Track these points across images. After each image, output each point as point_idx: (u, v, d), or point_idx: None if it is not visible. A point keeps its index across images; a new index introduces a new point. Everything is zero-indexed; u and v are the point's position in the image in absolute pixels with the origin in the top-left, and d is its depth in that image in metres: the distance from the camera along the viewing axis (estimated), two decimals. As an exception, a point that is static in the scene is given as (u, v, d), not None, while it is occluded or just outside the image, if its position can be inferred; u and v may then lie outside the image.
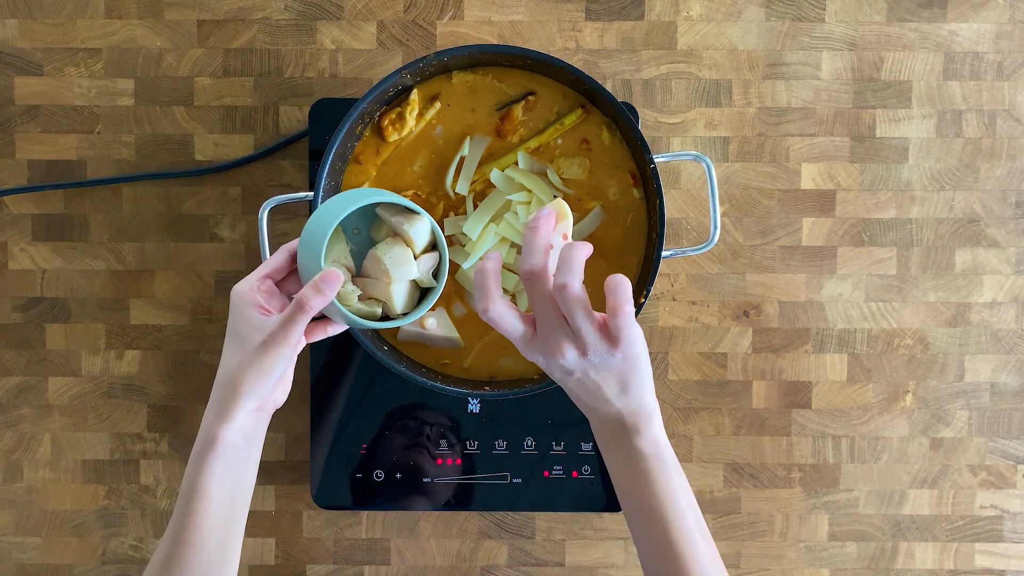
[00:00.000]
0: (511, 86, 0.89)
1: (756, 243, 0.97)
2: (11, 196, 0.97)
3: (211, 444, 0.75)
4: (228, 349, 0.76)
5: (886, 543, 0.98)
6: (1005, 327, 0.98)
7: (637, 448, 0.73)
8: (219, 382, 0.76)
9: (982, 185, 0.97)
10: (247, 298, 0.76)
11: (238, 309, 0.76)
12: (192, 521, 0.74)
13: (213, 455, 0.75)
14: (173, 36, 0.97)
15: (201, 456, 0.75)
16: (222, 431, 0.75)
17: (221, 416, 0.75)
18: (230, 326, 0.77)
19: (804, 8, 0.97)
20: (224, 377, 0.76)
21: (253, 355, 0.74)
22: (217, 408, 0.75)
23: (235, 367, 0.75)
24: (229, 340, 0.77)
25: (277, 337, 0.74)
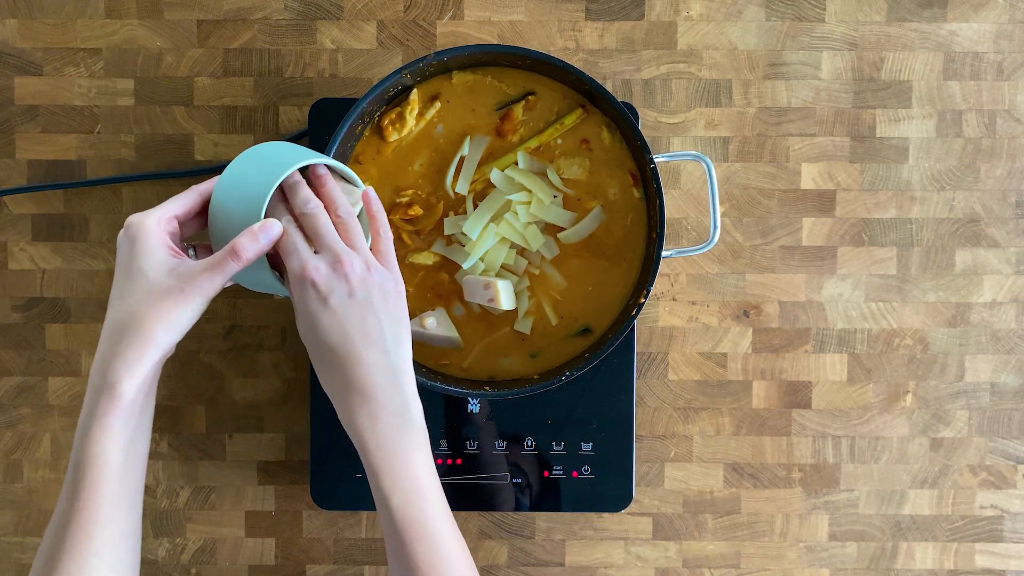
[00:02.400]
0: (511, 86, 0.89)
1: (756, 243, 0.97)
2: (11, 196, 0.97)
3: (111, 400, 0.66)
4: (128, 288, 0.67)
5: (886, 543, 0.98)
6: (1005, 327, 0.98)
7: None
8: (117, 326, 0.67)
9: (982, 185, 0.97)
10: (155, 236, 0.68)
11: (144, 245, 0.67)
12: (86, 493, 0.66)
13: (113, 413, 0.66)
14: (173, 36, 0.97)
15: (96, 414, 0.66)
16: (125, 384, 0.66)
17: (124, 367, 0.66)
18: (128, 262, 0.68)
19: (804, 8, 0.97)
20: (124, 322, 0.66)
21: (166, 301, 0.66)
22: (116, 358, 0.66)
23: (141, 312, 0.66)
24: (128, 278, 0.67)
25: (200, 285, 0.66)
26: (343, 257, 0.68)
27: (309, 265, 0.67)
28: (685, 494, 0.98)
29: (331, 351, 0.68)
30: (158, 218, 0.69)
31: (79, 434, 0.67)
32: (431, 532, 0.68)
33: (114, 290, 0.68)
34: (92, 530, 0.66)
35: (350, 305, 0.68)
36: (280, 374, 0.98)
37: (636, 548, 0.98)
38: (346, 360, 0.68)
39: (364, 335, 0.68)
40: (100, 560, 0.66)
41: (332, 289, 0.67)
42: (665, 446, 0.98)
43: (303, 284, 0.67)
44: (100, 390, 0.66)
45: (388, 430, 0.69)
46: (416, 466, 0.69)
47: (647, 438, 0.98)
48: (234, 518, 0.98)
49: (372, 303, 0.69)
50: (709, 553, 0.98)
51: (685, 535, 0.98)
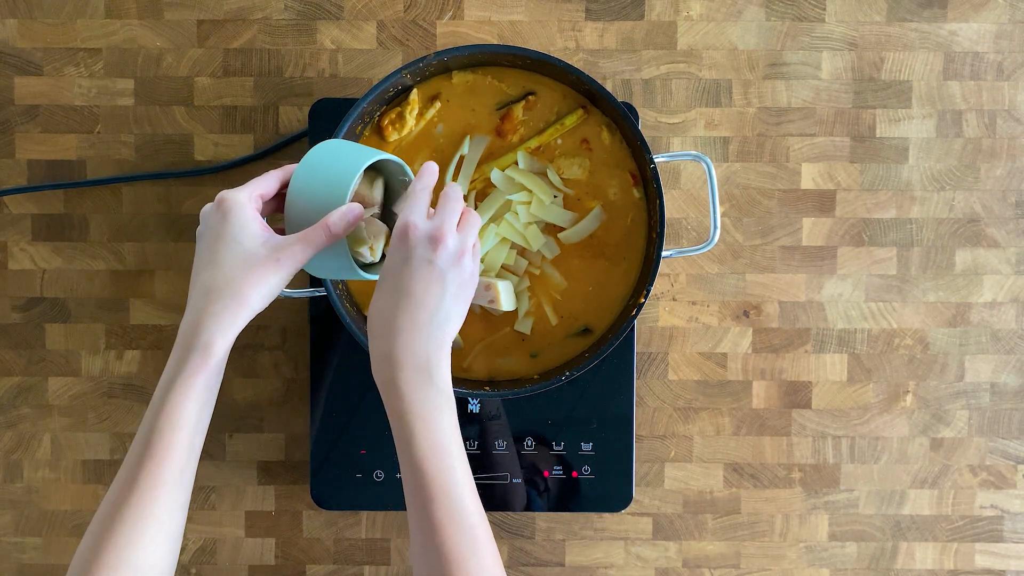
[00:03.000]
0: (511, 86, 0.89)
1: (756, 243, 0.97)
2: (11, 196, 0.97)
3: (204, 359, 0.69)
4: (222, 256, 0.71)
5: (886, 543, 0.98)
6: (1005, 327, 0.98)
7: None
8: (211, 290, 0.70)
9: (982, 185, 0.97)
10: (248, 210, 0.72)
11: (238, 216, 0.72)
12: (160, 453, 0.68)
13: (202, 372, 0.69)
14: (173, 36, 0.97)
15: (185, 373, 0.69)
16: (218, 344, 0.69)
17: (218, 328, 0.69)
18: (221, 232, 0.72)
19: (804, 8, 0.97)
20: (219, 286, 0.70)
21: (261, 269, 0.70)
22: (210, 319, 0.69)
23: (237, 278, 0.70)
24: (222, 247, 0.71)
25: (294, 255, 0.71)
26: (444, 234, 0.72)
27: (413, 222, 0.72)
28: (685, 494, 0.98)
29: (391, 295, 0.72)
30: (249, 194, 0.73)
31: (161, 393, 0.69)
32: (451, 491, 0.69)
33: (203, 257, 0.72)
34: (157, 493, 0.68)
35: (426, 269, 0.71)
36: (280, 374, 0.98)
37: (636, 548, 0.98)
38: (398, 308, 0.72)
39: (419, 297, 0.71)
40: (159, 526, 0.68)
41: (418, 247, 0.71)
42: (665, 446, 0.98)
43: (399, 235, 0.72)
44: (191, 349, 0.69)
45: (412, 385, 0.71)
46: (440, 424, 0.71)
47: (647, 438, 0.98)
48: (234, 518, 0.98)
49: (445, 278, 0.72)
50: (709, 553, 0.98)
51: (685, 535, 0.98)
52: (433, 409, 0.71)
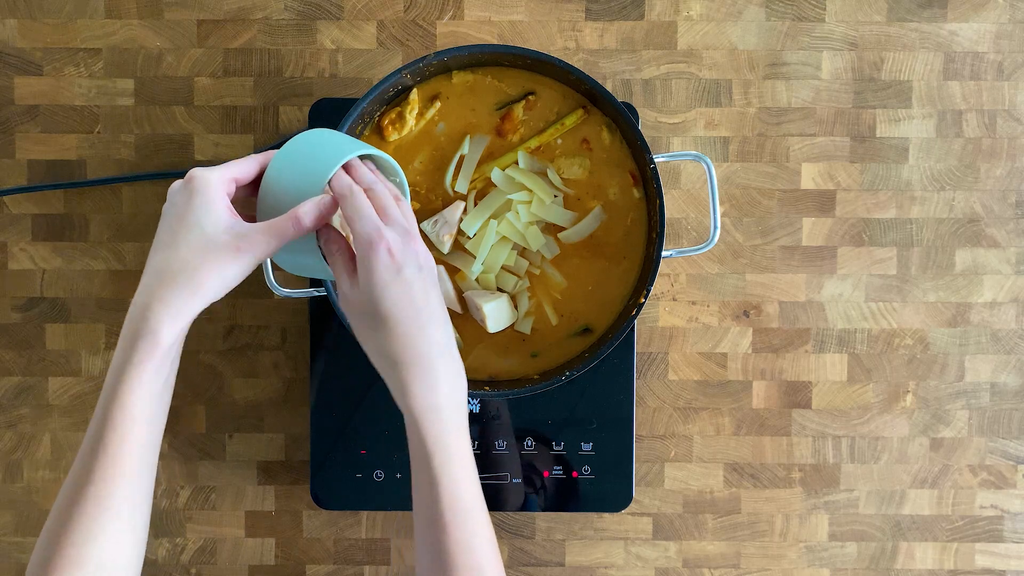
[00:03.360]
0: (511, 86, 0.89)
1: (756, 243, 0.97)
2: (11, 196, 0.97)
3: (152, 346, 0.65)
4: (181, 238, 0.67)
5: (886, 543, 0.98)
6: (1005, 327, 0.98)
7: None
8: (164, 272, 0.67)
9: (982, 185, 0.97)
10: (217, 192, 0.68)
11: (204, 198, 0.67)
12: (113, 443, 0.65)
13: (150, 359, 0.65)
14: (173, 36, 0.97)
15: (133, 360, 0.65)
16: (166, 330, 0.65)
17: (167, 313, 0.65)
18: (184, 213, 0.68)
19: (804, 8, 0.97)
20: (173, 269, 0.66)
21: (221, 255, 0.66)
22: (160, 304, 0.66)
23: (194, 262, 0.66)
24: (182, 228, 0.67)
25: (256, 245, 0.67)
26: (412, 233, 0.69)
27: (384, 232, 0.67)
28: (685, 494, 0.98)
29: (394, 321, 0.68)
30: (220, 176, 0.69)
31: (110, 381, 0.66)
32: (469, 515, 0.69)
33: (162, 237, 0.68)
34: (113, 486, 0.65)
35: (419, 278, 0.68)
36: (280, 374, 0.98)
37: (636, 548, 0.98)
38: (409, 331, 0.68)
39: (429, 309, 0.69)
40: (119, 518, 0.66)
41: (406, 260, 0.68)
42: (665, 446, 0.98)
43: (376, 250, 0.67)
44: (139, 335, 0.66)
45: (448, 405, 0.70)
46: (462, 445, 0.70)
47: (647, 438, 0.98)
48: (234, 518, 0.98)
49: (434, 281, 0.70)
50: (709, 553, 0.98)
51: (685, 535, 0.98)
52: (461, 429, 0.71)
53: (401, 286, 0.67)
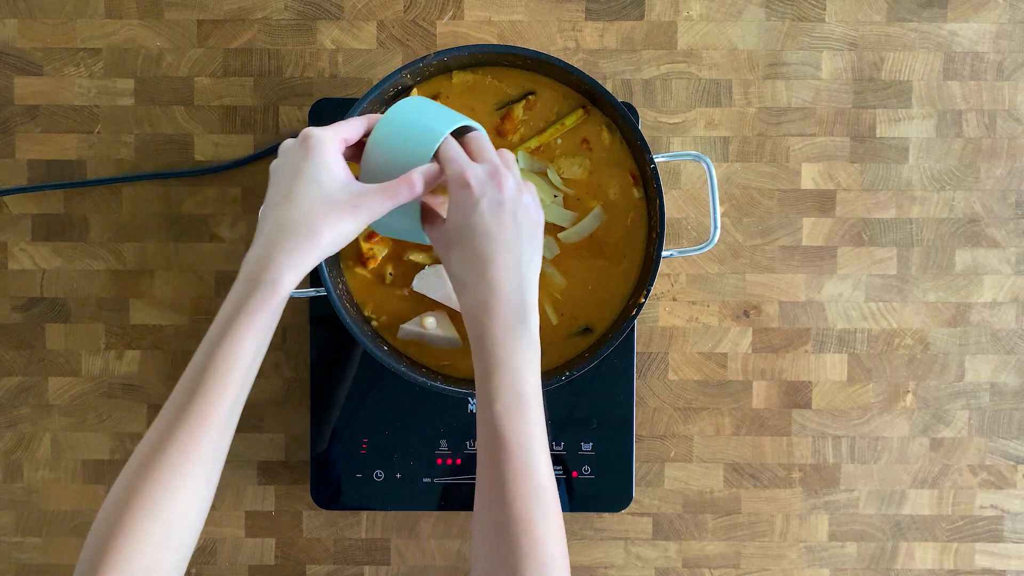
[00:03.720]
0: (511, 86, 0.89)
1: (756, 243, 0.97)
2: (11, 196, 0.97)
3: (271, 294, 0.67)
4: (301, 193, 0.69)
5: (886, 543, 0.98)
6: (1005, 327, 0.98)
7: None
8: (285, 226, 0.68)
9: (982, 185, 0.97)
10: (333, 151, 0.71)
11: (322, 156, 0.70)
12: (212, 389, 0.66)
13: (267, 308, 0.67)
14: (173, 36, 0.97)
15: (248, 308, 0.66)
16: (287, 280, 0.67)
17: (290, 264, 0.67)
18: (302, 169, 0.70)
19: (804, 8, 0.97)
20: (294, 223, 0.68)
21: (339, 212, 0.69)
22: (282, 254, 0.67)
23: (314, 217, 0.68)
24: (301, 184, 0.69)
25: (372, 205, 0.69)
26: (500, 169, 0.72)
27: (469, 170, 0.71)
28: (685, 494, 0.98)
29: (470, 246, 0.71)
30: (334, 135, 0.72)
31: (219, 328, 0.67)
32: (527, 449, 0.68)
33: (278, 192, 0.70)
34: (204, 432, 0.66)
35: (497, 211, 0.71)
36: (280, 374, 0.98)
37: (636, 548, 0.98)
38: (482, 258, 0.71)
39: (503, 240, 0.71)
40: (200, 469, 0.66)
41: (485, 192, 0.71)
42: (665, 446, 0.98)
43: (461, 183, 0.71)
44: (258, 284, 0.67)
45: (506, 333, 0.70)
46: (525, 377, 0.70)
47: (647, 438, 0.98)
48: (234, 518, 0.98)
49: (517, 216, 0.72)
50: (709, 553, 0.98)
51: (685, 535, 0.98)
52: (522, 359, 0.70)
53: (477, 216, 0.71)
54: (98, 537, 0.64)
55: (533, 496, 0.67)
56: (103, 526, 0.64)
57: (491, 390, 0.69)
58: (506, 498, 0.66)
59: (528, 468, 0.67)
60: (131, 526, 0.63)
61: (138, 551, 0.63)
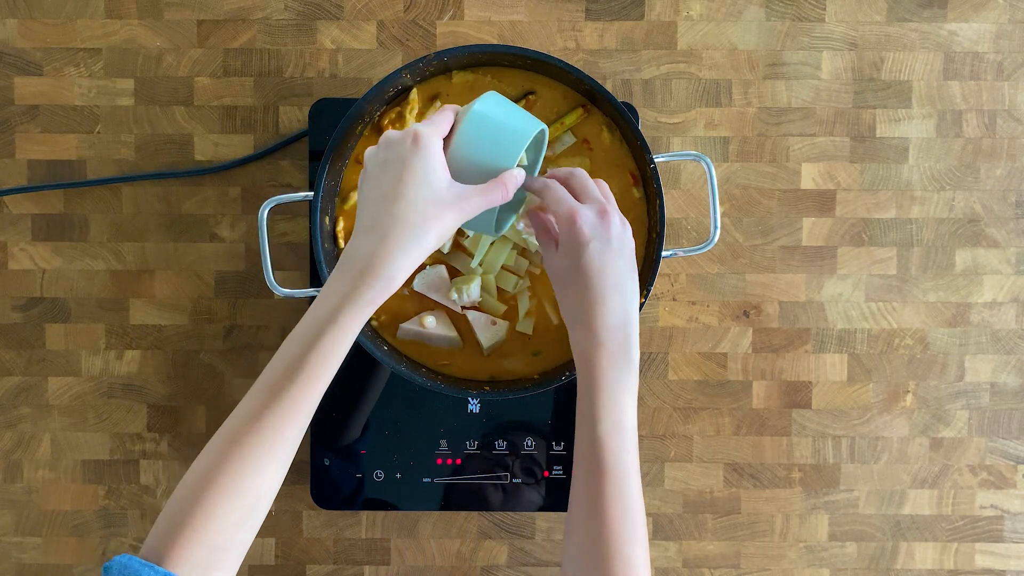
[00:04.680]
0: (511, 86, 0.89)
1: (756, 243, 0.97)
2: (11, 196, 0.97)
3: (387, 284, 0.69)
4: (412, 191, 0.70)
5: (886, 543, 0.98)
6: (1005, 327, 0.98)
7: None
8: (403, 219, 0.70)
9: (982, 185, 0.97)
10: (439, 152, 0.72)
11: (432, 155, 0.72)
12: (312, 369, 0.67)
13: (381, 297, 0.69)
14: (173, 36, 0.97)
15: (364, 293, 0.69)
16: (403, 275, 0.70)
17: (408, 259, 0.70)
18: (414, 168, 0.71)
19: (804, 8, 0.97)
20: (408, 220, 0.70)
21: (446, 211, 0.71)
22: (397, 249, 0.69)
23: (426, 213, 0.70)
24: (416, 181, 0.71)
25: (473, 204, 0.72)
26: (608, 209, 0.76)
27: (579, 211, 0.75)
28: (685, 494, 0.98)
29: (581, 286, 0.76)
30: (439, 136, 0.74)
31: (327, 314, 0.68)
32: (623, 472, 0.73)
33: (387, 186, 0.71)
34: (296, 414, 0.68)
35: (607, 251, 0.75)
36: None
37: (636, 548, 0.98)
38: (592, 296, 0.75)
39: (611, 278, 0.76)
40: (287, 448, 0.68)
41: (595, 234, 0.75)
42: (665, 446, 0.98)
43: (572, 225, 0.75)
44: (375, 276, 0.69)
45: (611, 365, 0.75)
46: (626, 407, 0.75)
47: (647, 438, 0.98)
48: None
49: (623, 253, 0.76)
50: (709, 553, 0.98)
51: (685, 535, 0.98)
52: (624, 389, 0.75)
53: (588, 256, 0.75)
54: (176, 512, 0.65)
55: (626, 518, 0.72)
56: (183, 500, 0.65)
57: (595, 413, 0.74)
58: (601, 514, 0.72)
59: (623, 491, 0.73)
60: (214, 504, 0.65)
61: (216, 530, 0.65)
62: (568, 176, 0.79)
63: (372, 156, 0.74)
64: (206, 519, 0.64)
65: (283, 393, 0.67)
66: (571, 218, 0.75)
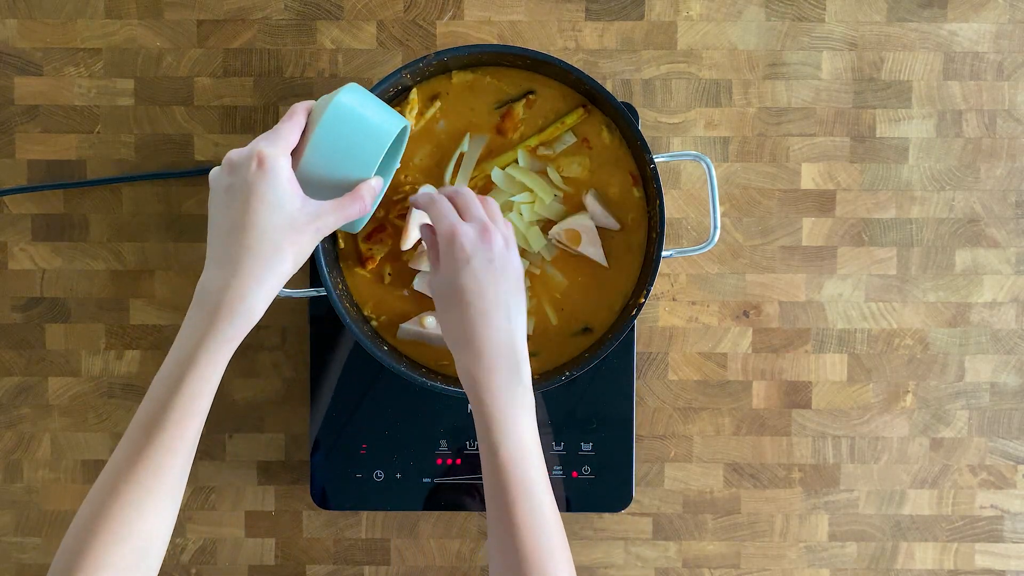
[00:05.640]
0: (511, 86, 0.89)
1: (756, 243, 0.97)
2: (11, 196, 0.97)
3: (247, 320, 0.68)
4: (264, 216, 0.68)
5: (886, 543, 0.98)
6: (1005, 327, 0.98)
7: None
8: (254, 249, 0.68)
9: (982, 185, 0.97)
10: (287, 172, 0.70)
11: (279, 178, 0.69)
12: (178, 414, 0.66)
13: (241, 333, 0.68)
14: (173, 36, 0.97)
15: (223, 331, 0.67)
16: (261, 307, 0.69)
17: (264, 291, 0.68)
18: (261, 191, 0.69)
19: (804, 8, 0.97)
20: (263, 246, 0.68)
21: (301, 234, 0.69)
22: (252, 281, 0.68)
23: (279, 240, 0.68)
24: (265, 207, 0.69)
25: (328, 223, 0.71)
26: (489, 227, 0.75)
27: (459, 228, 0.75)
28: (685, 494, 0.98)
29: (462, 305, 0.74)
30: (286, 154, 0.71)
31: (187, 353, 0.67)
32: (531, 493, 0.72)
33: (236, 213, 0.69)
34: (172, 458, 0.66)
35: (488, 270, 0.74)
36: (280, 374, 0.98)
37: (636, 548, 0.98)
38: (474, 316, 0.74)
39: (494, 297, 0.74)
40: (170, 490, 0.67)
41: (476, 252, 0.74)
42: (665, 446, 0.98)
43: (452, 243, 0.74)
44: (231, 312, 0.68)
45: (501, 386, 0.74)
46: (524, 426, 0.74)
47: (647, 438, 0.98)
48: (234, 518, 0.98)
49: (506, 272, 0.75)
50: (709, 553, 0.98)
51: (685, 535, 0.98)
52: (519, 409, 0.74)
53: (468, 275, 0.74)
54: (64, 563, 0.64)
55: (541, 536, 0.71)
56: (69, 552, 0.64)
57: (494, 442, 0.73)
58: (516, 541, 0.71)
59: (535, 511, 0.72)
60: (100, 552, 0.64)
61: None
62: (454, 193, 0.78)
63: (216, 179, 0.71)
64: (95, 568, 0.63)
65: (155, 438, 0.66)
66: (451, 235, 0.74)
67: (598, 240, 0.88)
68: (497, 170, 0.88)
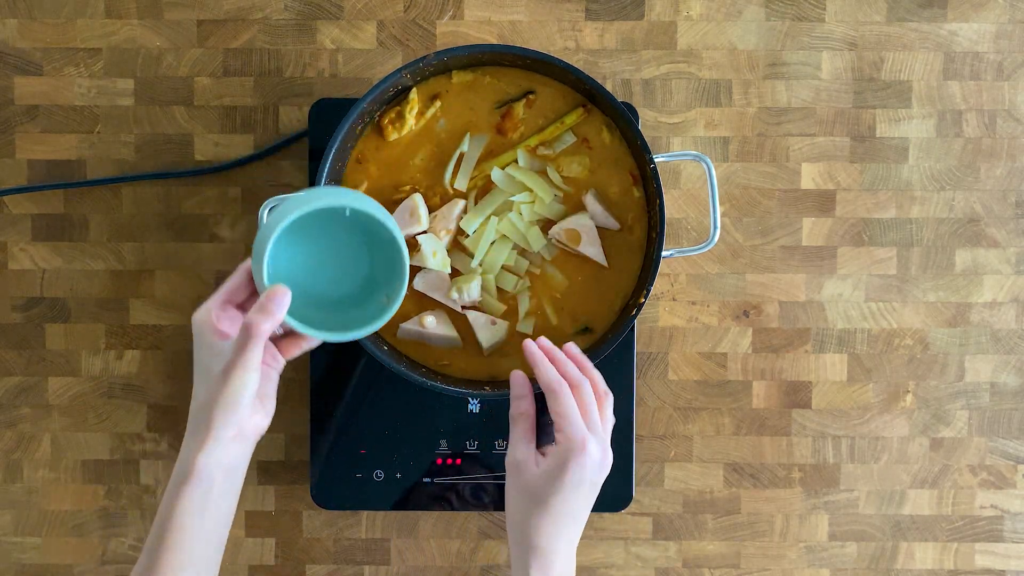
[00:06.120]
0: (511, 86, 0.89)
1: (756, 243, 0.97)
2: (11, 196, 0.97)
3: (187, 475, 0.72)
4: (197, 380, 0.75)
5: (886, 543, 0.98)
6: (1005, 327, 0.98)
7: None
8: (192, 414, 0.75)
9: (982, 185, 0.97)
10: (205, 325, 0.75)
11: (199, 338, 0.75)
12: (165, 556, 0.72)
13: (189, 486, 0.72)
14: (173, 36, 0.97)
15: (177, 487, 0.73)
16: (199, 462, 0.72)
17: (197, 447, 0.73)
18: (195, 356, 0.75)
19: (804, 8, 0.97)
20: (196, 409, 0.74)
21: (218, 384, 0.72)
22: (192, 440, 0.73)
23: (204, 399, 0.73)
24: (196, 371, 0.75)
25: (235, 363, 0.72)
26: (609, 453, 0.77)
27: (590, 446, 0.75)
28: (685, 494, 0.98)
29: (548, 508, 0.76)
30: (208, 308, 0.76)
31: (164, 501, 0.74)
32: None
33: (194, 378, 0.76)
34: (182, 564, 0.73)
35: (592, 493, 0.77)
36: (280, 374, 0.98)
37: (636, 548, 0.98)
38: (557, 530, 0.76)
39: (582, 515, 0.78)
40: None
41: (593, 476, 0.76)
42: (665, 446, 0.98)
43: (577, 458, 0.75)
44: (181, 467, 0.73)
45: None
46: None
47: (647, 438, 0.98)
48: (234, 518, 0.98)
49: (596, 491, 0.78)
50: (709, 553, 0.98)
51: (685, 535, 0.98)
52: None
53: (577, 493, 0.76)
54: None
55: None
56: None
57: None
58: None
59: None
60: None
61: None
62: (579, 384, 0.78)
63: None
64: None
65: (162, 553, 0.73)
66: (580, 448, 0.75)
67: (598, 240, 0.87)
68: (497, 170, 0.88)
